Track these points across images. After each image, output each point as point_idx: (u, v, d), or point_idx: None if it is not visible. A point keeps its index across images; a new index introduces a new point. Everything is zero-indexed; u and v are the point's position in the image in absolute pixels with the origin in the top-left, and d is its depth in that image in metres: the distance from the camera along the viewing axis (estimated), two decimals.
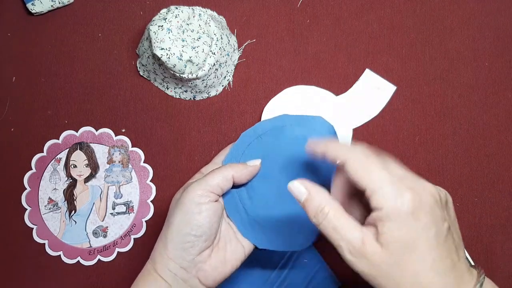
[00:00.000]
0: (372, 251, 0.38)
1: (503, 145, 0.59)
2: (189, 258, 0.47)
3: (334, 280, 0.57)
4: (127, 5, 0.61)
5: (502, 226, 0.59)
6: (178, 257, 0.47)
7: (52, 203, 0.60)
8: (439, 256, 0.38)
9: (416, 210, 0.38)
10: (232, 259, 0.50)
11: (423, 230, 0.38)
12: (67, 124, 0.61)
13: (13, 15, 0.61)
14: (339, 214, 0.40)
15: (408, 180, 0.39)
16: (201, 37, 0.55)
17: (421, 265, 0.38)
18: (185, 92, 0.59)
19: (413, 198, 0.38)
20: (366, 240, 0.39)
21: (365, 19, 0.60)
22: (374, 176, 0.39)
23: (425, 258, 0.38)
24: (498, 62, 0.60)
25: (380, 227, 0.38)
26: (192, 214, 0.47)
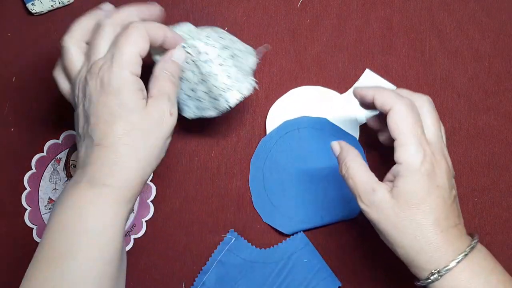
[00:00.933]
0: (381, 199, 0.43)
1: (503, 145, 0.59)
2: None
3: (334, 280, 0.57)
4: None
5: (502, 226, 0.59)
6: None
7: (52, 203, 0.60)
8: (444, 215, 0.43)
9: (432, 172, 0.43)
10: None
11: (435, 190, 0.43)
12: (67, 124, 0.61)
13: (13, 15, 0.61)
14: (358, 168, 0.45)
15: (435, 146, 0.44)
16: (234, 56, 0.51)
17: (426, 219, 0.42)
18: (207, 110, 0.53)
19: (432, 161, 0.43)
20: (378, 190, 0.43)
21: (365, 19, 0.60)
22: (407, 130, 0.43)
23: (432, 213, 0.42)
24: (498, 62, 0.60)
25: (396, 181, 0.43)
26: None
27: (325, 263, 0.57)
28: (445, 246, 0.42)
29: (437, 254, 0.42)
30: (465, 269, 0.42)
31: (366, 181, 0.44)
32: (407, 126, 0.43)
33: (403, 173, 0.43)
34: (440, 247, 0.42)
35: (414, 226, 0.42)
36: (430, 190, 0.42)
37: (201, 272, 0.58)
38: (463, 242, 0.43)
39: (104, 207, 0.42)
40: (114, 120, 0.42)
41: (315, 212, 0.57)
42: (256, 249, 0.58)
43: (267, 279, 0.57)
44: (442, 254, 0.42)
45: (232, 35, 0.53)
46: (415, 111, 0.44)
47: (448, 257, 0.42)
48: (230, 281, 0.57)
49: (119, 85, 0.42)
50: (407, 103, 0.44)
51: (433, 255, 0.42)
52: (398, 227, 0.43)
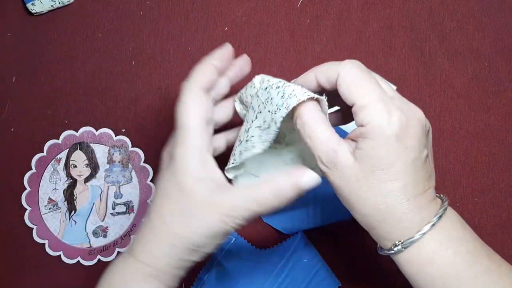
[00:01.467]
0: (343, 162, 0.38)
1: (503, 145, 0.59)
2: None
3: (334, 280, 0.57)
4: (127, 5, 0.61)
5: (502, 226, 0.59)
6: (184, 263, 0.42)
7: (52, 203, 0.60)
8: (413, 181, 0.38)
9: (402, 132, 0.37)
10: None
11: (404, 153, 0.37)
12: (67, 124, 0.61)
13: (13, 15, 0.61)
14: (317, 124, 0.38)
15: (398, 101, 0.39)
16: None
17: (392, 185, 0.37)
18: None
19: (401, 120, 0.37)
20: (340, 151, 0.38)
21: (365, 19, 0.60)
22: (364, 90, 0.38)
23: (399, 179, 0.37)
24: (498, 62, 0.60)
25: (360, 143, 0.38)
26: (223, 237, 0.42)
27: (325, 263, 0.57)
28: (410, 216, 0.38)
29: (401, 224, 0.38)
30: (431, 240, 0.38)
31: (327, 140, 0.38)
32: (363, 85, 0.38)
33: (368, 134, 0.37)
34: (405, 217, 0.38)
35: (377, 194, 0.37)
36: (399, 153, 0.37)
37: (201, 272, 0.58)
38: (431, 210, 0.39)
39: (133, 282, 0.41)
40: (167, 196, 0.41)
41: (315, 212, 0.57)
42: (256, 249, 0.58)
43: (267, 279, 0.57)
44: (407, 224, 0.38)
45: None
46: (364, 68, 0.39)
47: (413, 228, 0.38)
48: (230, 281, 0.57)
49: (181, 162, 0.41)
50: (352, 63, 0.39)
51: (396, 225, 0.38)
52: (359, 193, 0.38)
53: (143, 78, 0.61)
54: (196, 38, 0.61)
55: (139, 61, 0.61)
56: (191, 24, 0.61)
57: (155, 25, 0.61)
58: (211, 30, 0.61)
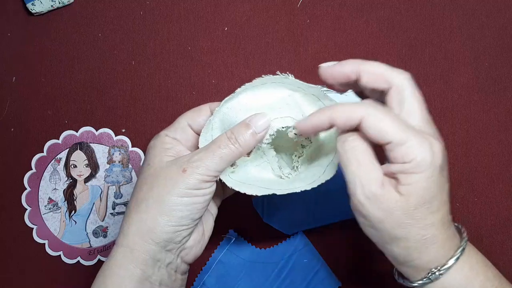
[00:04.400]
0: (389, 197, 0.37)
1: (503, 145, 0.59)
2: (178, 239, 0.43)
3: (334, 280, 0.57)
4: (127, 5, 0.61)
5: (502, 226, 0.58)
6: (166, 240, 0.42)
7: (52, 203, 0.60)
8: (447, 211, 0.39)
9: (444, 163, 0.39)
10: (207, 230, 0.47)
11: (445, 183, 0.39)
12: (67, 124, 0.61)
13: (13, 15, 0.61)
14: (367, 150, 0.38)
15: (432, 133, 0.39)
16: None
17: (434, 217, 0.38)
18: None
19: (442, 149, 0.38)
20: (386, 185, 0.38)
21: (365, 19, 0.60)
22: (397, 128, 0.37)
23: (440, 210, 0.39)
24: (498, 62, 0.60)
25: (404, 179, 0.37)
26: (196, 197, 0.42)
27: (325, 263, 0.57)
28: (448, 243, 0.39)
29: (440, 253, 0.39)
30: (464, 265, 0.39)
31: (373, 170, 0.38)
32: (393, 123, 0.38)
33: (414, 169, 0.37)
34: (443, 244, 0.39)
35: (421, 226, 0.38)
36: (441, 184, 0.38)
37: (201, 272, 0.58)
38: (457, 235, 0.41)
39: (115, 268, 0.42)
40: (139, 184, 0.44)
41: (315, 212, 0.57)
42: (256, 249, 0.58)
43: (267, 279, 0.57)
44: (445, 251, 0.39)
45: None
46: (380, 106, 0.39)
47: (447, 254, 0.39)
48: (230, 281, 0.57)
49: (151, 145, 0.45)
50: (371, 104, 0.39)
51: (436, 254, 0.39)
52: (403, 226, 0.38)
53: (143, 78, 0.61)
54: (196, 38, 0.61)
55: (139, 61, 0.61)
56: (191, 24, 0.61)
57: (155, 25, 0.61)
58: (211, 30, 0.61)
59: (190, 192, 0.41)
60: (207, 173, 0.42)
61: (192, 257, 0.45)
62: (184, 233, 0.43)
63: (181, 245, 0.43)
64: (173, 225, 0.42)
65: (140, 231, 0.42)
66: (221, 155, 0.42)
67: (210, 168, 0.41)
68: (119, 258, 0.42)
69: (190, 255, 0.45)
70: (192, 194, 0.41)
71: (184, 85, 0.60)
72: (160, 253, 0.42)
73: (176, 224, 0.42)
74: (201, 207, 0.42)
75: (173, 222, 0.42)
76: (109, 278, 0.42)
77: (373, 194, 0.38)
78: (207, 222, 0.47)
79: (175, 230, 0.42)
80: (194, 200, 0.42)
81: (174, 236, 0.42)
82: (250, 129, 0.43)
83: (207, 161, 0.42)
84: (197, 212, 0.42)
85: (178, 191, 0.41)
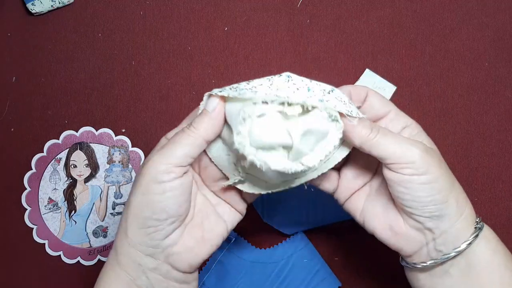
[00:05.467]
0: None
1: (503, 145, 0.59)
2: (153, 243, 0.40)
3: (334, 280, 0.57)
4: (127, 5, 0.61)
5: (502, 226, 0.58)
6: (140, 244, 0.40)
7: (52, 203, 0.60)
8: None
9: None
10: (212, 237, 0.43)
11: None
12: (67, 124, 0.61)
13: (13, 15, 0.61)
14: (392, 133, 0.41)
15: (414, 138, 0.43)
16: None
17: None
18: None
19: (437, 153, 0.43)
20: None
21: (365, 19, 0.60)
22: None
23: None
24: (498, 62, 0.60)
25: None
26: (153, 195, 0.39)
27: (325, 263, 0.57)
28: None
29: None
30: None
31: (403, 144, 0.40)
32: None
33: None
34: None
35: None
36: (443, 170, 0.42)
37: (201, 272, 0.58)
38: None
39: (107, 268, 0.42)
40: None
41: (315, 212, 0.57)
42: (256, 249, 0.58)
43: (267, 279, 0.57)
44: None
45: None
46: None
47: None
48: (230, 281, 0.57)
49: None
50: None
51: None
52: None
53: (143, 78, 0.61)
54: (196, 38, 0.61)
55: (139, 61, 0.61)
56: (191, 24, 0.61)
57: (155, 25, 0.61)
58: (211, 30, 0.61)
59: (147, 188, 0.39)
60: (161, 161, 0.39)
61: (187, 265, 0.42)
62: (156, 235, 0.40)
63: (163, 250, 0.41)
64: (140, 227, 0.40)
65: (120, 234, 0.41)
66: (176, 140, 0.40)
67: (165, 155, 0.39)
68: (110, 260, 0.42)
69: (181, 262, 0.41)
70: (150, 190, 0.39)
71: (184, 85, 0.60)
72: (138, 256, 0.41)
73: (142, 226, 0.40)
74: (164, 206, 0.39)
75: (139, 224, 0.40)
76: (103, 277, 0.43)
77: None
78: (213, 230, 0.43)
79: (145, 233, 0.40)
80: (154, 197, 0.39)
81: (146, 239, 0.40)
82: (202, 110, 0.41)
83: (163, 150, 0.39)
84: (161, 211, 0.39)
85: (137, 190, 0.40)
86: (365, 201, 0.44)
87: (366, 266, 0.58)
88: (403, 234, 0.42)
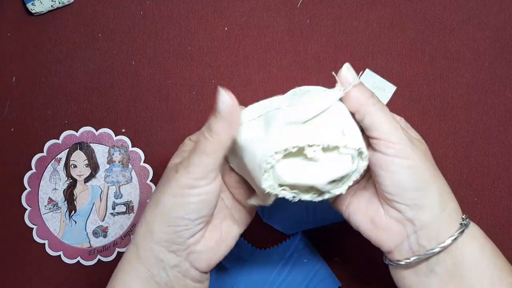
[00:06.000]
0: None
1: (503, 145, 0.59)
2: (180, 240, 0.41)
3: (334, 280, 0.57)
4: (127, 5, 0.61)
5: (502, 226, 0.58)
6: (166, 241, 0.41)
7: (52, 203, 0.60)
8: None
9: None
10: (227, 238, 0.44)
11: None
12: (67, 124, 0.61)
13: (13, 15, 0.61)
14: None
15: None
16: None
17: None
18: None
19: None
20: None
21: (365, 19, 0.60)
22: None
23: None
24: (498, 62, 0.60)
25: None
26: (188, 197, 0.40)
27: (325, 263, 0.57)
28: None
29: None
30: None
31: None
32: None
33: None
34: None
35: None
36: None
37: None
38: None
39: (125, 264, 0.43)
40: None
41: (315, 212, 0.57)
42: (256, 249, 0.58)
43: (267, 279, 0.57)
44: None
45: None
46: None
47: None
48: (230, 281, 0.57)
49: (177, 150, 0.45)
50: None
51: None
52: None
53: (143, 78, 0.61)
54: (196, 38, 0.61)
55: (139, 61, 0.61)
56: (191, 24, 0.61)
57: (155, 25, 0.61)
58: (211, 30, 0.61)
59: (182, 192, 0.40)
60: (195, 170, 0.40)
61: (205, 265, 0.43)
62: (184, 234, 0.41)
63: (187, 248, 0.42)
64: (169, 225, 0.41)
65: (144, 230, 0.42)
66: (202, 149, 0.40)
67: (197, 165, 0.40)
68: (128, 255, 0.43)
69: (201, 261, 0.43)
70: (184, 194, 0.40)
71: (184, 85, 0.61)
72: (162, 253, 0.42)
73: (172, 224, 0.41)
74: (197, 207, 0.41)
75: (169, 222, 0.41)
76: (120, 272, 0.43)
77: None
78: (229, 232, 0.45)
79: (174, 231, 0.41)
80: (188, 200, 0.40)
81: (174, 237, 0.41)
82: (216, 112, 0.40)
83: (193, 159, 0.40)
84: (193, 212, 0.41)
85: (170, 191, 0.41)
86: (351, 196, 0.45)
87: (366, 266, 0.58)
88: (383, 227, 0.42)
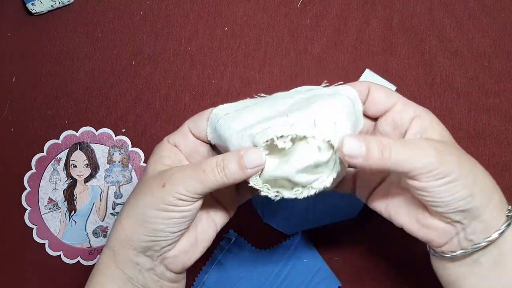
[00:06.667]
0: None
1: (503, 145, 0.59)
2: (157, 248, 0.41)
3: (334, 280, 0.57)
4: (127, 5, 0.61)
5: None
6: (143, 247, 0.41)
7: (52, 203, 0.60)
8: None
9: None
10: (203, 240, 0.44)
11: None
12: (67, 124, 0.61)
13: (13, 15, 0.61)
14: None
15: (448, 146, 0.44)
16: None
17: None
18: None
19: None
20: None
21: (365, 19, 0.60)
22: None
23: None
24: (498, 62, 0.60)
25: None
26: (171, 213, 0.40)
27: (325, 263, 0.57)
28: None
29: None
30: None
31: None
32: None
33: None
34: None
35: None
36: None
37: (201, 272, 0.58)
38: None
39: (101, 267, 0.43)
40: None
41: (315, 212, 0.57)
42: (256, 249, 0.58)
43: (267, 279, 0.57)
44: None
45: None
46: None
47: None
48: (230, 281, 0.57)
49: (153, 151, 0.44)
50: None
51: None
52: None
53: (143, 78, 0.61)
54: (196, 38, 0.61)
55: (139, 61, 0.61)
56: (191, 24, 0.61)
57: (155, 25, 0.61)
58: (211, 30, 0.61)
59: (166, 207, 0.40)
60: (184, 193, 0.40)
61: (180, 267, 0.43)
62: (163, 243, 0.41)
63: (161, 254, 0.42)
64: (149, 235, 0.41)
65: (120, 237, 0.42)
66: (203, 179, 0.39)
67: (188, 189, 0.39)
68: (104, 259, 0.43)
69: (176, 264, 0.43)
70: (169, 209, 0.40)
71: (184, 85, 0.61)
72: (138, 257, 0.42)
73: (152, 235, 0.41)
74: (179, 222, 0.41)
75: (149, 233, 0.41)
76: (96, 276, 0.43)
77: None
78: (205, 232, 0.44)
79: (152, 240, 0.41)
80: (171, 215, 0.40)
81: (151, 245, 0.41)
82: (241, 161, 0.39)
83: (187, 181, 0.40)
84: (174, 226, 0.41)
85: (155, 205, 0.40)
86: (388, 196, 0.43)
87: (366, 266, 0.58)
88: (431, 226, 0.41)
